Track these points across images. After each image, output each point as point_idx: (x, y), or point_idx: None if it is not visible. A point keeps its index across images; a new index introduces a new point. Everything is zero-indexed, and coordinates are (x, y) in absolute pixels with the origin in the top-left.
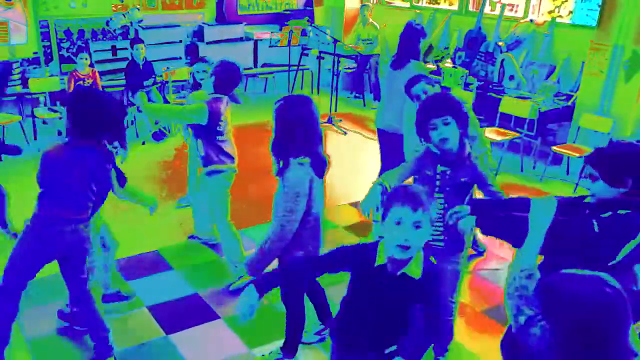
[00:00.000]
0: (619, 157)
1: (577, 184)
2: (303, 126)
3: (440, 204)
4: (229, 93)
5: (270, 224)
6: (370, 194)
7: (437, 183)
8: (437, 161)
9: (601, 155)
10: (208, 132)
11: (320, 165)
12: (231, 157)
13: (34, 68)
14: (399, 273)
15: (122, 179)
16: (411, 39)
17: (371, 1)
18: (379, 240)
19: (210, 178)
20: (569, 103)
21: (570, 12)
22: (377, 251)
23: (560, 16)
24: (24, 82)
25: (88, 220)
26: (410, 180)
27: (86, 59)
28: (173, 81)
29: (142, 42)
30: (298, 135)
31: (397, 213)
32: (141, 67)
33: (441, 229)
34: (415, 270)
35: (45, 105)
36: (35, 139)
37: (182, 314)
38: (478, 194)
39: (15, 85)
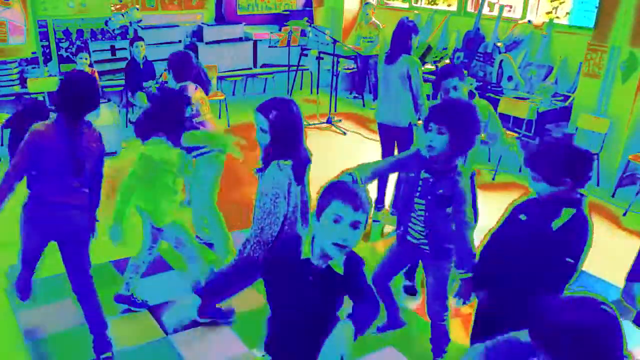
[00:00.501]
0: (557, 160)
1: None
2: (288, 129)
3: (421, 210)
4: (190, 78)
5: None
6: None
7: (419, 189)
8: (423, 166)
9: (539, 159)
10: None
11: (301, 168)
12: None
13: (33, 68)
14: (324, 266)
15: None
16: (403, 35)
17: (374, 0)
18: (299, 234)
19: (197, 160)
20: (567, 104)
21: (567, 13)
22: (302, 244)
23: (557, 17)
24: (23, 82)
25: (84, 208)
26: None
27: (86, 58)
28: None
29: (142, 39)
30: (284, 138)
31: (337, 210)
32: (141, 65)
33: (425, 234)
34: (338, 266)
35: None
36: None
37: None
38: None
39: (13, 85)
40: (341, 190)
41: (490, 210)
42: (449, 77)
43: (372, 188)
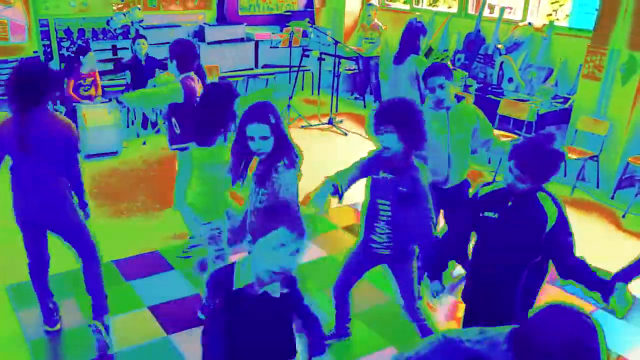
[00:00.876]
0: (549, 164)
1: (574, 186)
2: (284, 127)
3: (386, 211)
4: (193, 68)
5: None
6: (321, 190)
7: (382, 190)
8: (385, 167)
9: (531, 162)
10: (185, 109)
11: (297, 161)
12: None
13: None
14: (260, 292)
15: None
16: (412, 36)
17: (376, 2)
18: (231, 265)
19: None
20: (567, 106)
21: (567, 15)
22: (234, 274)
23: (557, 19)
24: None
25: (59, 194)
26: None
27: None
28: None
29: (144, 37)
30: (285, 136)
31: (282, 237)
32: (143, 62)
33: (389, 237)
34: (276, 287)
35: None
36: None
37: (183, 314)
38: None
39: None
40: (288, 217)
41: None
42: (434, 76)
43: None
